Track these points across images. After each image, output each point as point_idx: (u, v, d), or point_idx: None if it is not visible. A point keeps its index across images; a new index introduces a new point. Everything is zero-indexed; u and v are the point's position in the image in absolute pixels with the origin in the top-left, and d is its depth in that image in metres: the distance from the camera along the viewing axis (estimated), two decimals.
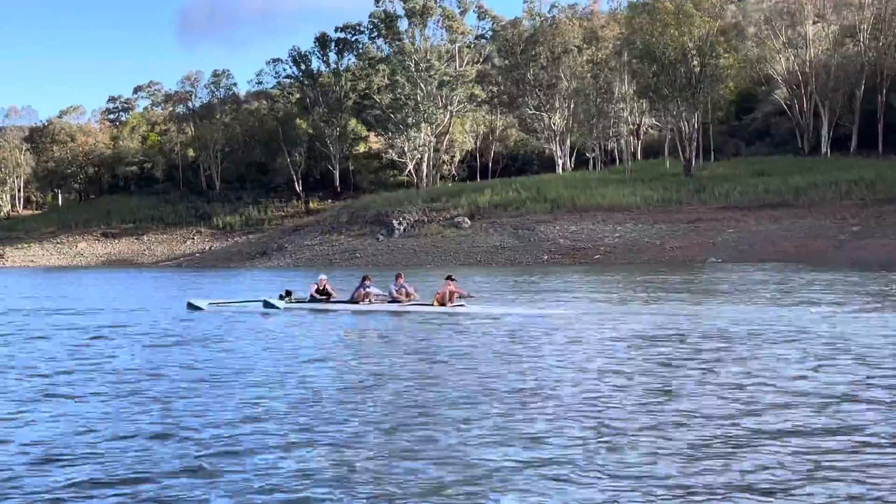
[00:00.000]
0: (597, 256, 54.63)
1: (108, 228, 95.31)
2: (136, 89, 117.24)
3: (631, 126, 74.05)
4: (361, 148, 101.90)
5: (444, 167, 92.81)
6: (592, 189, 64.30)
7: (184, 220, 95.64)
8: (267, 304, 23.61)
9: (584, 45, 76.39)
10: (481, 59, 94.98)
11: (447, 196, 68.37)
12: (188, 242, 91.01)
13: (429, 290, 26.12)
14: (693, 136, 66.15)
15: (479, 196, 66.17)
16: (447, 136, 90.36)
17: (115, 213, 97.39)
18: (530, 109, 78.55)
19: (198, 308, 23.99)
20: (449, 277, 23.24)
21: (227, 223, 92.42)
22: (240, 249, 75.17)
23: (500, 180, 73.09)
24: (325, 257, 64.30)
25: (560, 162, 79.49)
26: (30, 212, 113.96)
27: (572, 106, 78.15)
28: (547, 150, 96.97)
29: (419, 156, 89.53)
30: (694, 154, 66.71)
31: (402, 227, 65.38)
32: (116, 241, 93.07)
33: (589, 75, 73.11)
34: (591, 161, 79.70)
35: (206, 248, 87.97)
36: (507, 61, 78.76)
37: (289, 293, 24.37)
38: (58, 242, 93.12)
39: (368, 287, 23.71)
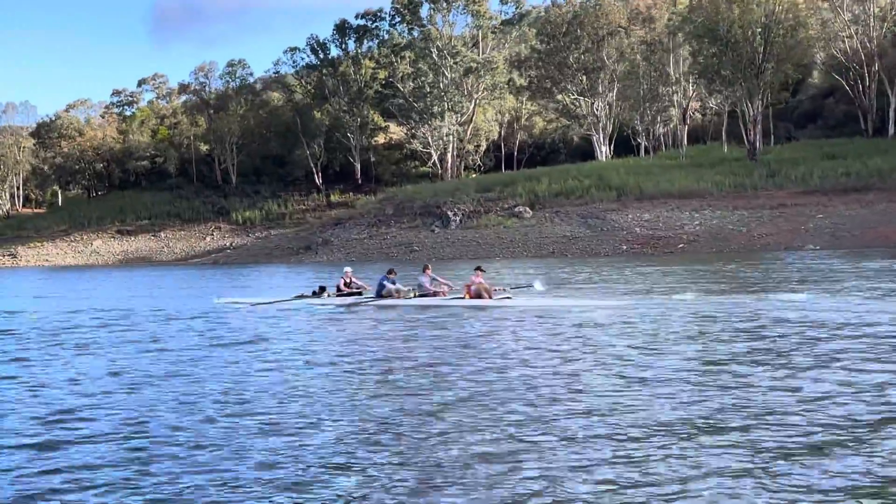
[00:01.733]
0: (680, 245, 51.74)
1: (123, 225, 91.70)
2: (141, 82, 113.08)
3: (683, 110, 71.05)
4: (381, 139, 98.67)
5: (469, 157, 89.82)
6: (657, 175, 61.41)
7: (201, 215, 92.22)
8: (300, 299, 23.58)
9: (632, 27, 73.35)
10: (508, 45, 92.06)
11: (501, 185, 65.20)
12: (207, 239, 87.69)
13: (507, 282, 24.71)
14: (757, 118, 63.35)
15: (537, 185, 63.03)
16: (471, 126, 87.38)
17: (129, 210, 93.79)
18: (572, 95, 75.43)
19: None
20: (478, 269, 22.84)
21: (247, 218, 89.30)
22: (279, 244, 71.61)
23: (553, 168, 69.95)
24: (380, 251, 61.04)
25: (603, 149, 76.46)
26: (30, 210, 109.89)
27: (616, 90, 75.20)
28: (575, 139, 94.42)
29: (443, 146, 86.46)
30: (757, 137, 63.90)
31: (457, 219, 62.17)
32: (132, 238, 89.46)
33: (640, 57, 70.05)
34: (637, 147, 76.80)
35: (227, 243, 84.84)
36: (548, 45, 75.45)
37: (322, 289, 23.99)
38: (72, 241, 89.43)
39: (393, 282, 23.22)
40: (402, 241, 61.97)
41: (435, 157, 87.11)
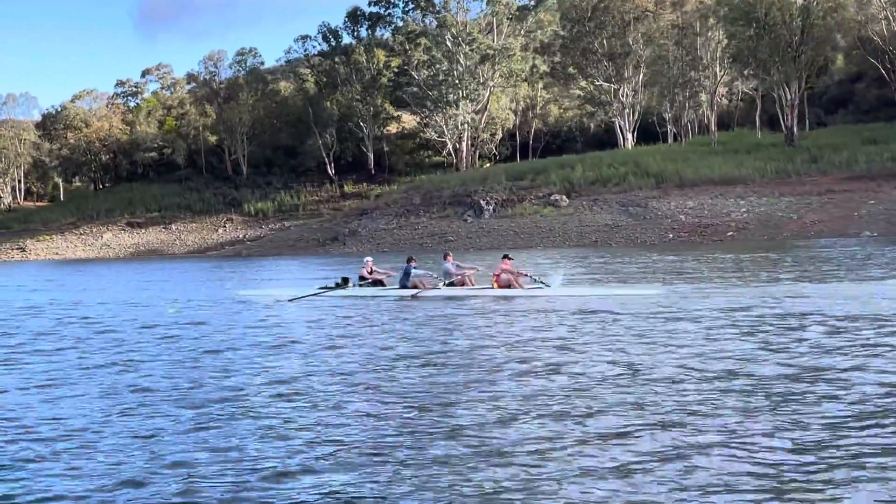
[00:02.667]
0: (730, 233, 50.27)
1: (133, 218, 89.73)
2: (145, 72, 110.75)
3: (712, 94, 69.44)
4: (393, 128, 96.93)
5: (485, 146, 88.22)
6: (694, 162, 59.96)
7: (212, 207, 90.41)
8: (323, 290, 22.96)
9: (659, 10, 71.71)
10: (524, 31, 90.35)
11: (533, 173, 63.58)
12: (220, 231, 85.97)
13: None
14: (794, 102, 61.91)
15: (571, 172, 61.45)
16: (485, 114, 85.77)
17: (139, 202, 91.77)
18: (597, 81, 73.80)
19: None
20: (506, 256, 21.96)
21: (260, 209, 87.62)
22: (302, 236, 69.75)
23: (585, 155, 68.37)
24: (412, 241, 59.37)
25: (628, 137, 74.90)
26: (31, 203, 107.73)
27: (641, 76, 73.66)
28: (592, 126, 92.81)
29: (458, 135, 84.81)
30: (795, 122, 62.49)
31: (490, 208, 60.55)
32: (143, 231, 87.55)
33: (671, 42, 68.45)
34: (660, 134, 75.35)
35: (241, 235, 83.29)
36: (573, 30, 73.79)
37: (346, 280, 23.32)
38: (81, 234, 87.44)
39: (416, 269, 22.66)
40: (434, 231, 60.33)
41: (450, 146, 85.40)
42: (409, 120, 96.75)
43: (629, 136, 75.13)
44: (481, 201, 60.83)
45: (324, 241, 64.99)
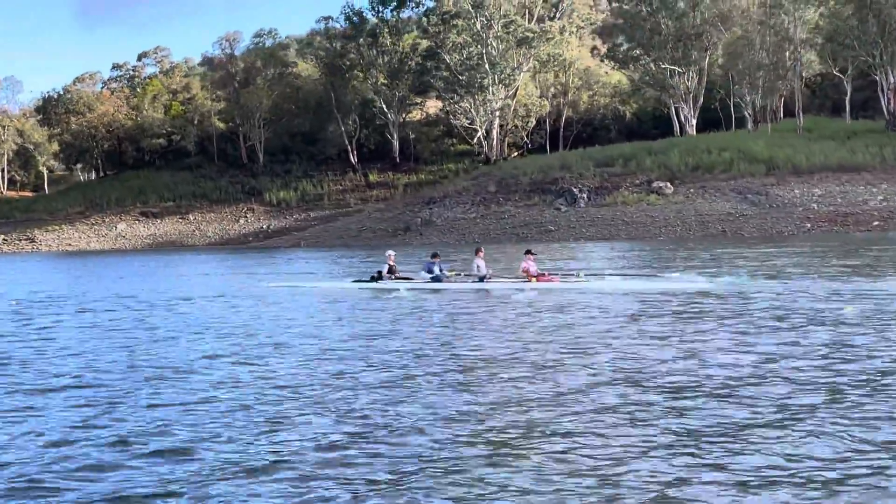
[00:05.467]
0: (875, 223, 46.49)
1: (146, 207, 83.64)
2: (141, 56, 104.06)
3: (800, 77, 65.69)
4: (417, 115, 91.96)
5: (518, 134, 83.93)
6: (803, 147, 56.18)
7: (230, 196, 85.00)
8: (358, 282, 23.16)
9: None
10: (564, 13, 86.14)
11: (623, 159, 59.14)
12: (241, 221, 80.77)
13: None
14: (894, 86, 58.55)
15: (667, 158, 57.21)
16: (515, 100, 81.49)
17: (150, 191, 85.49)
18: (663, 64, 69.70)
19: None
20: (528, 252, 21.82)
21: (282, 199, 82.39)
22: (365, 225, 64.31)
23: (676, 140, 64.15)
24: (502, 231, 54.62)
25: (692, 122, 70.97)
26: (14, 193, 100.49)
27: (708, 58, 69.80)
28: (628, 114, 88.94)
29: (489, 122, 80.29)
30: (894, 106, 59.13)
31: (584, 196, 56.00)
32: (159, 221, 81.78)
33: (754, 21, 64.56)
34: (726, 120, 71.60)
35: (264, 226, 78.60)
36: (637, 8, 69.60)
37: (380, 273, 22.96)
38: (93, 224, 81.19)
39: (436, 266, 22.38)
40: (524, 220, 55.63)
41: (481, 133, 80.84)
42: (431, 106, 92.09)
43: (692, 121, 71.21)
44: (573, 189, 56.26)
45: (395, 232, 59.77)
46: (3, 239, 78.26)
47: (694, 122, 71.20)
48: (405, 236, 57.99)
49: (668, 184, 54.74)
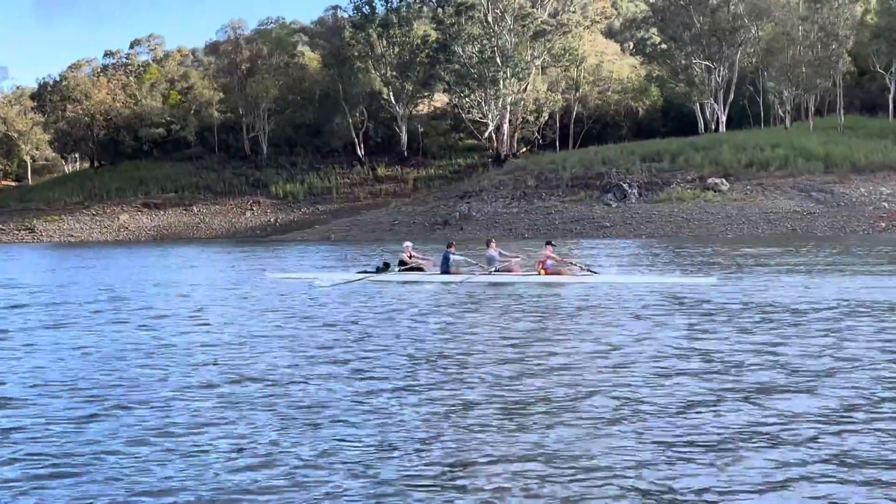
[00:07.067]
0: None
1: (148, 198, 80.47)
2: (134, 43, 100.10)
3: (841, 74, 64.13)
4: (424, 108, 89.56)
5: (529, 129, 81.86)
6: (857, 145, 54.73)
7: (234, 188, 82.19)
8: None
9: None
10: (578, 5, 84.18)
11: (670, 154, 57.12)
12: (248, 214, 78.25)
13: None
14: None
15: (718, 154, 55.31)
16: (526, 94, 79.44)
17: (151, 182, 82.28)
18: (696, 59, 67.88)
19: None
20: (548, 243, 21.84)
21: (289, 192, 79.75)
22: (398, 219, 61.70)
23: (719, 135, 62.34)
24: (551, 227, 52.41)
25: (723, 119, 69.22)
26: None
27: (739, 54, 68.11)
28: (641, 111, 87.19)
29: (500, 116, 78.16)
30: None
31: (634, 191, 53.89)
32: (161, 212, 78.77)
33: (795, 17, 62.91)
34: (755, 117, 70.02)
35: (271, 219, 76.02)
36: (673, 2, 67.76)
37: (386, 265, 23.24)
38: (94, 214, 77.98)
39: (454, 255, 22.62)
40: (575, 215, 53.46)
41: (491, 128, 78.67)
42: (438, 100, 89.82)
43: (722, 118, 69.46)
44: (622, 184, 54.14)
45: (432, 226, 57.26)
46: (0, 228, 74.99)
47: (724, 118, 69.50)
48: (444, 230, 55.51)
49: (724, 180, 52.81)
